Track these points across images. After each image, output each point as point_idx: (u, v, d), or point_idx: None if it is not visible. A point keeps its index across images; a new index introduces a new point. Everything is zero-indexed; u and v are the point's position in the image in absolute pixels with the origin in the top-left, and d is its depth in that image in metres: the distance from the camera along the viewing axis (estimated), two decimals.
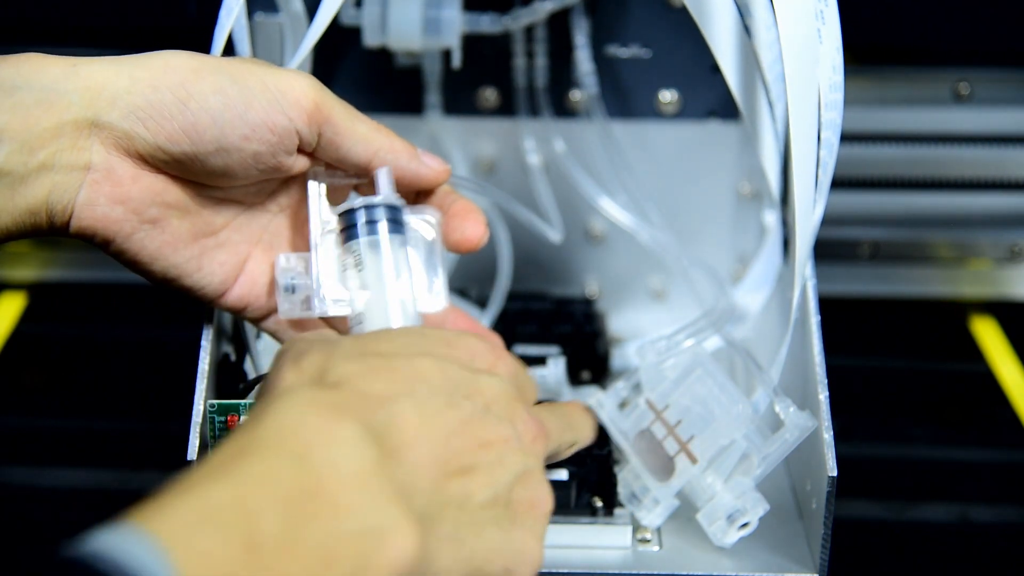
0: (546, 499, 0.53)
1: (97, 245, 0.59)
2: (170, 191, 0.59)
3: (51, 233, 0.58)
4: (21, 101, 0.55)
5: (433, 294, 0.63)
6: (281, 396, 0.47)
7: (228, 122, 0.57)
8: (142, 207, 0.59)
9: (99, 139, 0.57)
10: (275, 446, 0.44)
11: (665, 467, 0.65)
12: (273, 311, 0.64)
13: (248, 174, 0.60)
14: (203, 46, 0.64)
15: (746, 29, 0.71)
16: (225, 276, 0.62)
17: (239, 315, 0.64)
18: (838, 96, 0.66)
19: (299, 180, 0.63)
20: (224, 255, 0.62)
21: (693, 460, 0.64)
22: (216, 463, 0.44)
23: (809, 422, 0.63)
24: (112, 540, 0.40)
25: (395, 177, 0.62)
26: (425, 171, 0.63)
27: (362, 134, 0.61)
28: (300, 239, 0.64)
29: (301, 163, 0.61)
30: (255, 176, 0.60)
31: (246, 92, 0.57)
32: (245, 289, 0.63)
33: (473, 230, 0.63)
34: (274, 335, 0.65)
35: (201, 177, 0.60)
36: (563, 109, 0.84)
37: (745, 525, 0.64)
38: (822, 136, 0.65)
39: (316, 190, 0.62)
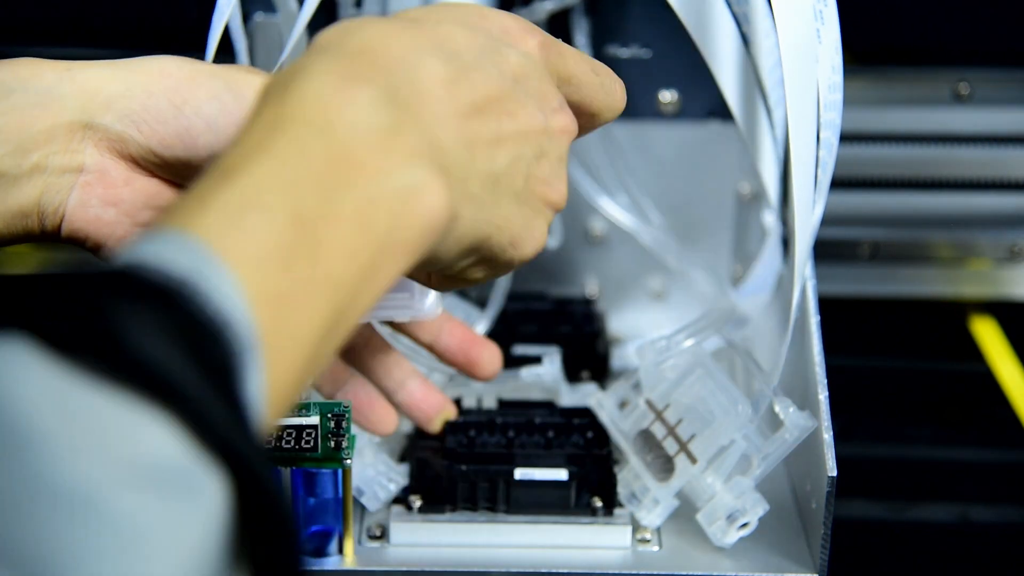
0: (561, 190, 0.52)
1: (89, 249, 0.59)
2: (164, 194, 0.59)
3: (42, 238, 0.58)
4: (16, 104, 0.55)
5: (427, 302, 0.63)
6: (302, 69, 0.46)
7: (223, 129, 0.56)
8: (135, 209, 0.58)
9: (92, 141, 0.57)
10: (300, 120, 0.44)
11: (665, 467, 0.65)
12: None
13: None
14: (203, 47, 0.64)
15: (744, 37, 0.71)
16: None
17: None
18: (837, 96, 0.66)
19: None
20: None
21: (693, 460, 0.64)
22: (247, 146, 0.43)
23: (809, 422, 0.63)
24: (154, 248, 0.39)
25: None
26: None
27: None
28: None
29: None
30: None
31: (241, 99, 0.56)
32: None
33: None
34: None
35: (194, 173, 0.59)
36: None
37: (745, 525, 0.64)
38: (821, 136, 0.65)
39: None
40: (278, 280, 0.40)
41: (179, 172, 0.58)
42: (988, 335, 0.97)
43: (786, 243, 0.75)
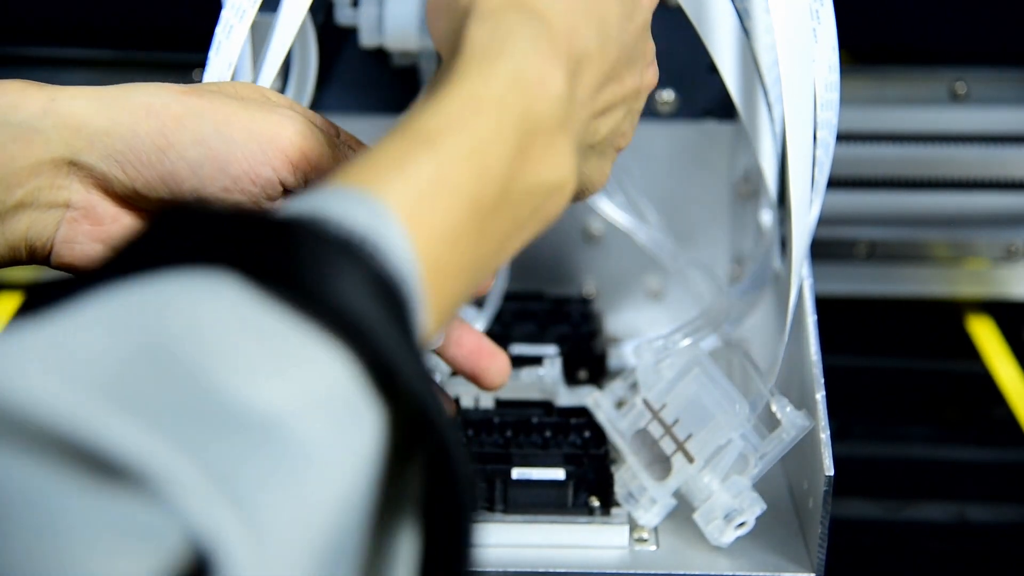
0: (631, 137, 0.56)
1: None
2: None
3: (33, 263, 0.57)
4: None
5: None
6: (508, 37, 0.46)
7: (208, 175, 0.55)
8: None
9: (77, 178, 0.56)
10: (502, 104, 0.45)
11: (662, 466, 0.65)
12: None
13: None
14: (203, 45, 0.64)
15: (745, 32, 0.71)
16: None
17: None
18: (834, 96, 0.66)
19: None
20: None
21: (690, 459, 0.64)
22: (447, 116, 0.44)
23: (806, 421, 0.63)
24: (342, 206, 0.40)
25: None
26: None
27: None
28: None
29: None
30: None
31: (229, 143, 0.55)
32: None
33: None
34: None
35: None
36: None
37: (742, 524, 0.64)
38: (818, 136, 0.65)
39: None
40: (446, 256, 0.42)
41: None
42: (985, 334, 0.97)
43: (783, 242, 0.75)
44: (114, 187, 0.56)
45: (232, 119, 0.56)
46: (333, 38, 0.81)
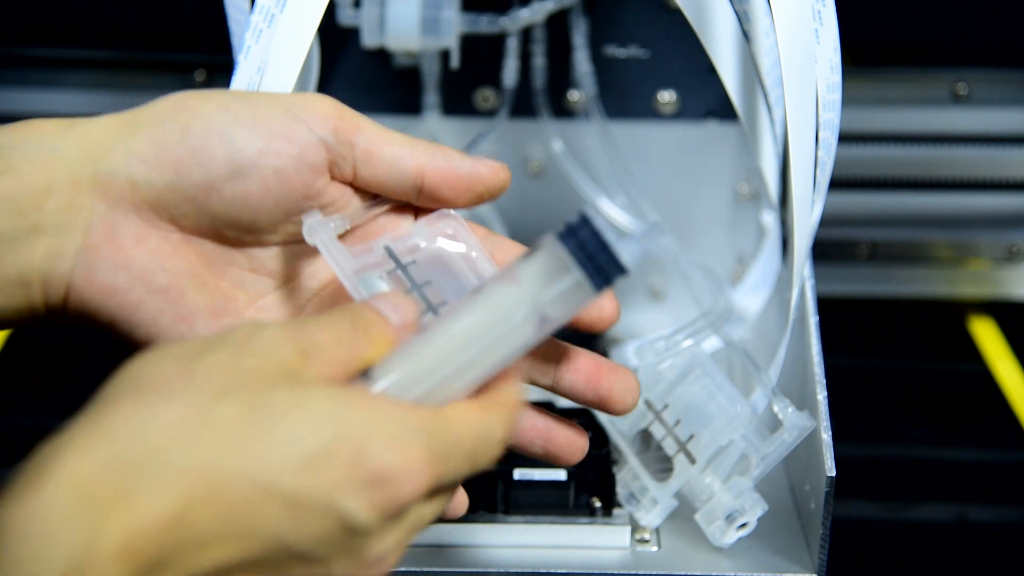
0: None
1: (100, 326, 0.53)
2: (182, 254, 0.53)
3: (47, 316, 0.53)
4: (13, 163, 0.51)
5: None
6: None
7: (238, 137, 0.51)
8: (149, 273, 0.52)
9: (98, 194, 0.51)
10: None
11: (663, 467, 0.65)
12: None
13: (274, 215, 0.53)
14: (204, 45, 0.64)
15: (744, 35, 0.71)
16: None
17: None
18: (836, 97, 0.66)
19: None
20: None
21: (692, 460, 0.64)
22: None
23: (808, 422, 0.63)
24: None
25: (447, 182, 0.54)
26: (484, 170, 0.54)
27: (401, 141, 0.54)
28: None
29: (337, 192, 0.53)
30: (283, 219, 0.53)
31: (254, 106, 0.52)
32: None
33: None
34: None
35: (220, 225, 0.53)
36: (561, 110, 0.84)
37: (744, 525, 0.64)
38: (820, 136, 0.65)
39: (324, 243, 0.53)
40: None
41: (201, 210, 0.52)
42: (986, 335, 0.97)
43: (785, 243, 0.75)
44: (141, 193, 0.51)
45: (253, 93, 0.53)
46: (335, 39, 0.81)
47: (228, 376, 0.43)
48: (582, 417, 0.69)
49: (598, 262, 0.48)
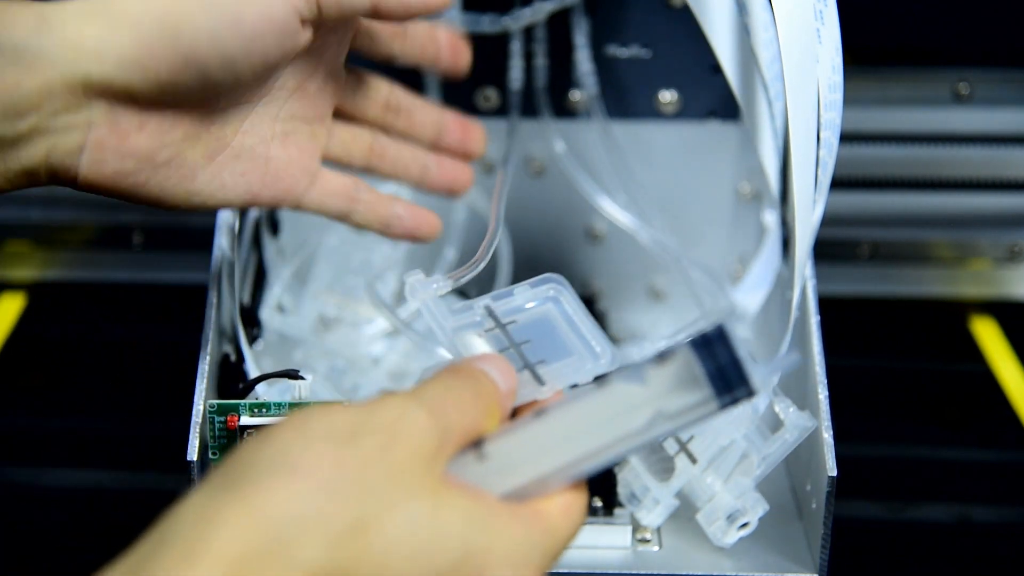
0: None
1: (115, 196, 0.57)
2: (178, 125, 0.57)
3: (56, 184, 0.55)
4: None
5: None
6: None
7: (226, 33, 0.54)
8: (153, 152, 0.56)
9: (95, 94, 0.53)
10: None
11: (665, 467, 0.65)
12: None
13: (256, 72, 0.57)
14: None
15: (745, 28, 0.71)
16: (249, 183, 0.60)
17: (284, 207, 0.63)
18: (837, 96, 0.66)
19: (301, 54, 0.60)
20: (243, 164, 0.60)
21: (693, 460, 0.64)
22: None
23: (809, 422, 0.63)
24: None
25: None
26: None
27: None
28: (314, 112, 0.62)
29: (306, 37, 0.58)
30: (262, 72, 0.58)
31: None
32: (276, 189, 0.61)
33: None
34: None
35: (209, 92, 0.57)
36: (563, 109, 0.84)
37: (745, 525, 0.64)
38: (821, 136, 0.65)
39: (425, 302, 0.56)
40: None
41: (192, 91, 0.56)
42: (988, 335, 0.97)
43: (786, 242, 0.75)
44: (136, 91, 0.54)
45: None
46: None
47: (378, 473, 0.44)
48: None
49: (729, 380, 0.47)
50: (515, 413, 0.51)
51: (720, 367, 0.47)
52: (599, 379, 0.49)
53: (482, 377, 0.49)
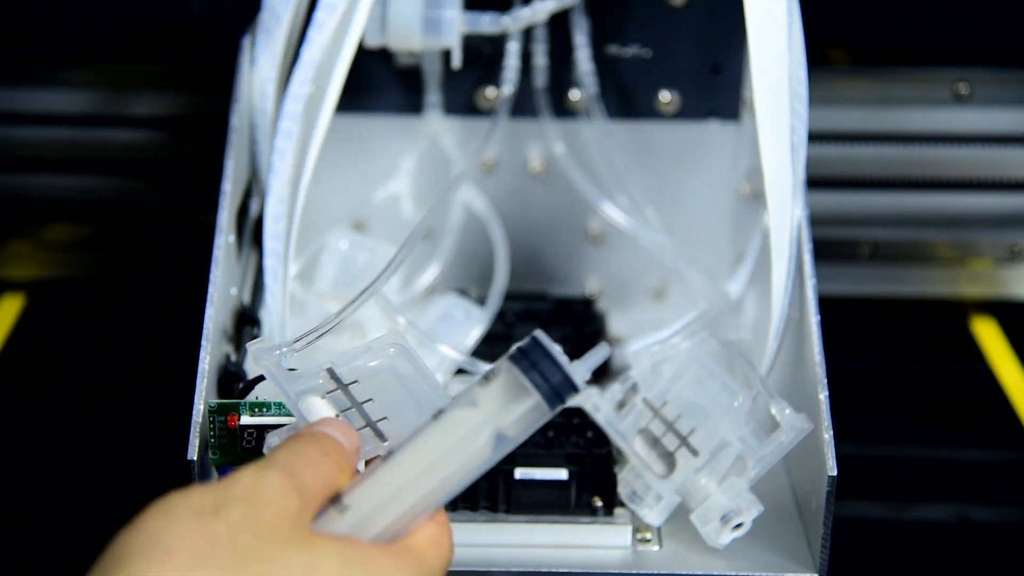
0: None
1: None
2: None
3: None
4: None
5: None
6: None
7: None
8: None
9: None
10: None
11: (666, 463, 0.65)
12: None
13: None
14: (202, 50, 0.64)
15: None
16: None
17: None
18: (803, 91, 0.67)
19: None
20: None
21: (694, 453, 0.64)
22: None
23: (805, 424, 0.63)
24: None
25: None
26: None
27: None
28: None
29: None
30: None
31: None
32: None
33: None
34: None
35: None
36: (563, 109, 0.84)
37: (739, 526, 0.64)
38: (793, 126, 0.66)
39: (268, 369, 0.58)
40: None
41: None
42: (988, 335, 0.97)
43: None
44: None
45: None
46: None
47: (248, 538, 0.46)
48: (582, 416, 0.69)
49: (552, 383, 0.51)
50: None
51: (543, 374, 0.51)
52: (436, 413, 0.52)
53: (325, 438, 0.52)
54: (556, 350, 0.51)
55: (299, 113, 0.71)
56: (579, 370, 0.51)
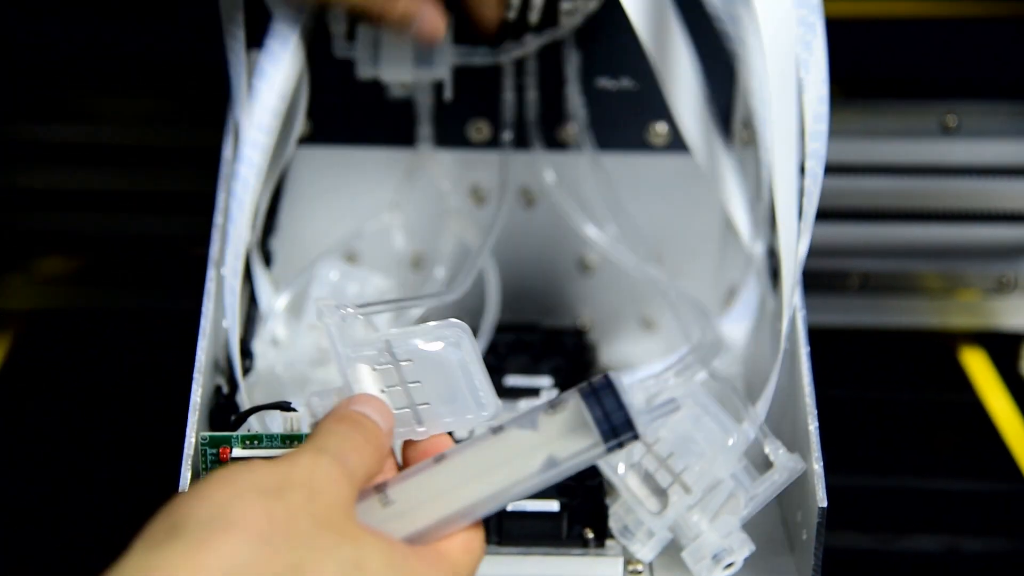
0: None
1: None
2: None
3: None
4: None
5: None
6: None
7: None
8: None
9: None
10: None
11: (659, 499, 0.65)
12: None
13: None
14: (203, 76, 0.64)
15: (736, 58, 0.72)
16: None
17: None
18: (823, 127, 0.66)
19: None
20: None
21: (687, 490, 0.64)
22: None
23: (798, 464, 0.63)
24: None
25: None
26: None
27: None
28: None
29: None
30: None
31: None
32: None
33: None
34: None
35: None
36: (554, 141, 0.85)
37: (730, 565, 0.64)
38: (807, 166, 0.66)
39: (329, 327, 0.57)
40: None
41: None
42: (977, 366, 0.97)
43: (775, 274, 0.75)
44: None
45: None
46: (329, 70, 0.81)
47: (305, 523, 0.47)
48: None
49: (614, 424, 0.52)
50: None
51: (607, 413, 0.51)
52: (495, 428, 0.53)
53: (365, 421, 0.54)
54: (625, 392, 0.51)
55: (255, 161, 0.71)
56: (643, 417, 0.52)
